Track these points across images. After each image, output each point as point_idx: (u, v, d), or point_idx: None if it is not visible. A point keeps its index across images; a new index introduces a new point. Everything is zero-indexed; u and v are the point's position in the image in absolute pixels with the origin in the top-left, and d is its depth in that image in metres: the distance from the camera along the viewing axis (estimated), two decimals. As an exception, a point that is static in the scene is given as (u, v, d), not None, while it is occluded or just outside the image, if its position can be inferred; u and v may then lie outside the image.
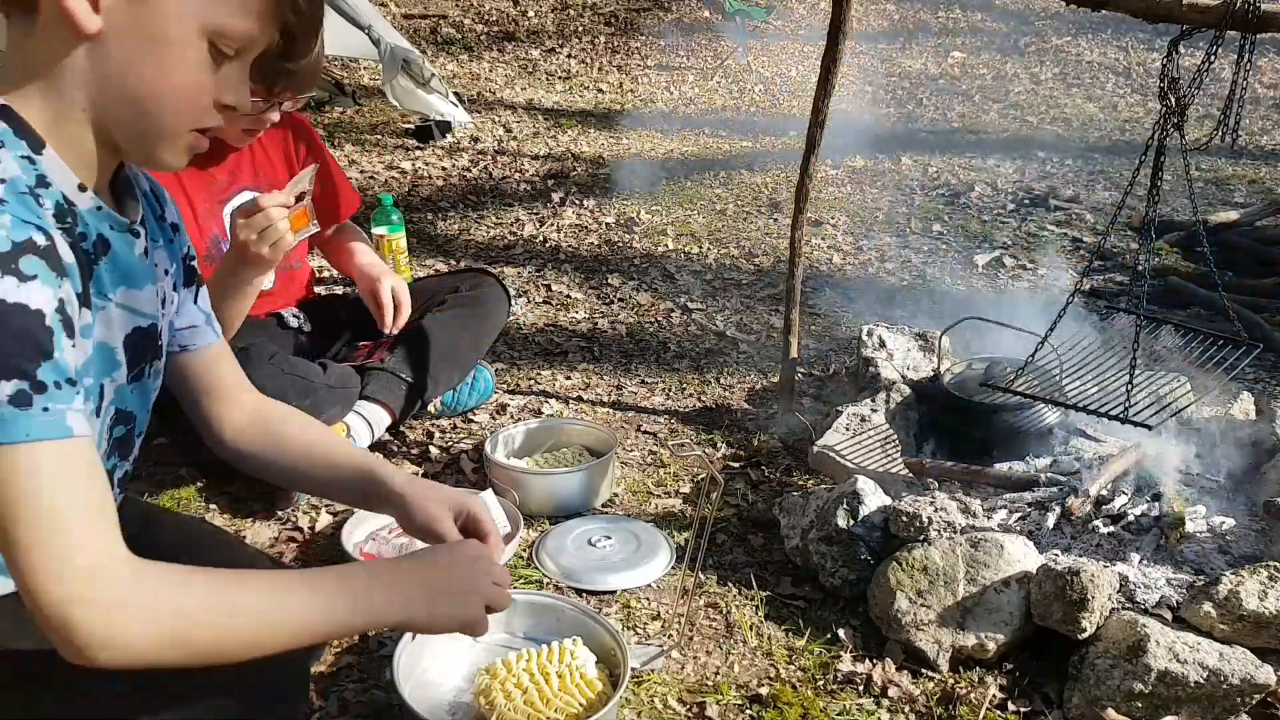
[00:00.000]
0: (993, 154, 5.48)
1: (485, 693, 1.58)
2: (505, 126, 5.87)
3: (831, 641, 1.88)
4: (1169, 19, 1.91)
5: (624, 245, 4.08)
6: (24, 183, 0.94)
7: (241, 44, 1.02)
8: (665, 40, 8.52)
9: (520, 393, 2.82)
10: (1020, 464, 2.32)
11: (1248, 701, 1.64)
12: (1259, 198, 4.60)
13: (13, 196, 0.91)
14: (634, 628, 1.92)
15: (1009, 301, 3.58)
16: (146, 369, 1.19)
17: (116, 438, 1.17)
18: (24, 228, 0.89)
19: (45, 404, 0.89)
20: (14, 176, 0.93)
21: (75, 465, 0.92)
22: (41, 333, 0.89)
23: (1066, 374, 2.15)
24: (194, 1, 0.97)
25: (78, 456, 0.92)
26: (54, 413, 0.90)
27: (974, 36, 8.78)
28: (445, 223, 4.30)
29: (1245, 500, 2.13)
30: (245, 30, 1.01)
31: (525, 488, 2.25)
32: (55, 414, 0.90)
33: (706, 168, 5.22)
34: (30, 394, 0.88)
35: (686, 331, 3.29)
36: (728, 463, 2.49)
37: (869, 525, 2.00)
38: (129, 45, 0.97)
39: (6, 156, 0.94)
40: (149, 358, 1.19)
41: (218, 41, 1.00)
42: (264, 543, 2.12)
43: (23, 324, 0.87)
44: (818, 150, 2.43)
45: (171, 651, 0.95)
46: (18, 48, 0.98)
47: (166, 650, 0.94)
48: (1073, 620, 1.73)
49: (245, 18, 1.00)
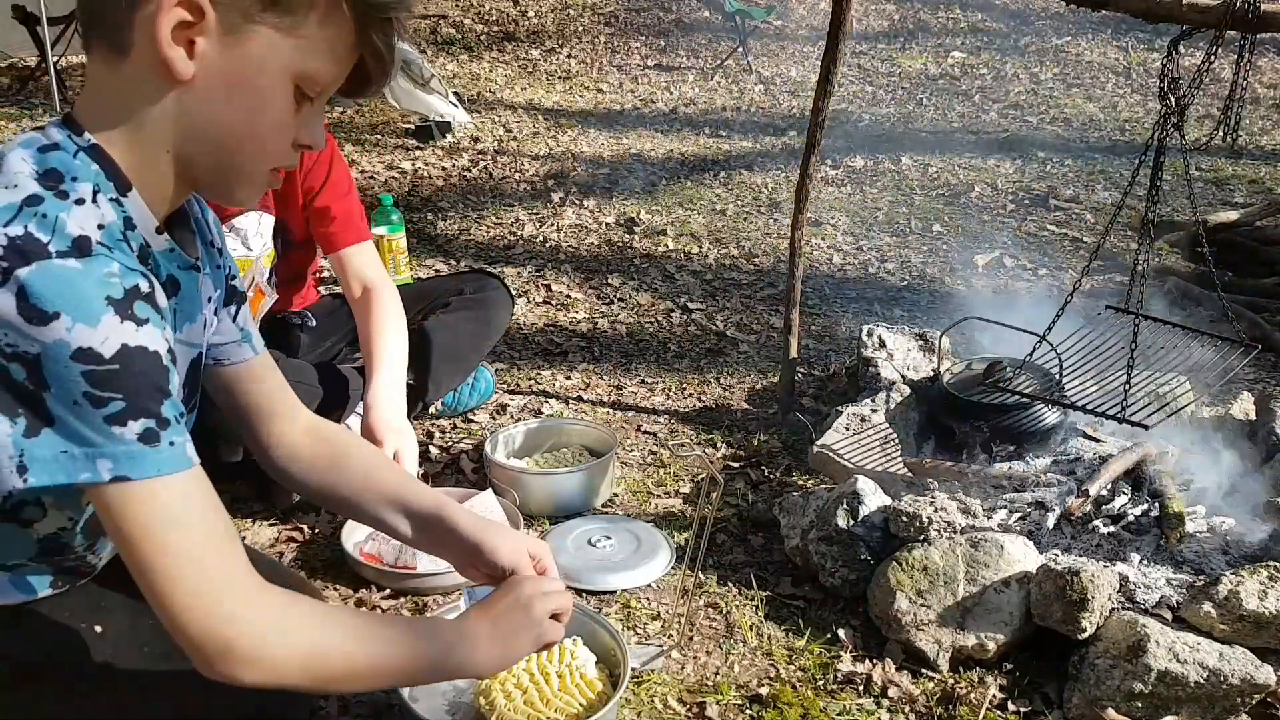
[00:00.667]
0: (993, 154, 5.48)
1: (485, 693, 1.58)
2: (505, 126, 5.88)
3: (831, 641, 1.88)
4: (1169, 19, 1.91)
5: (624, 245, 4.08)
6: (119, 228, 0.96)
7: (324, 88, 1.04)
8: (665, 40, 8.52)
9: (520, 393, 2.82)
10: (1020, 464, 2.31)
11: (1248, 701, 1.64)
12: (1259, 198, 4.61)
13: (114, 243, 0.93)
14: (634, 628, 1.92)
15: (1009, 301, 3.58)
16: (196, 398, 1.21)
17: None
18: (132, 275, 0.92)
19: (170, 439, 0.93)
20: (111, 222, 0.95)
21: (202, 494, 0.96)
22: (160, 372, 0.92)
23: (1066, 374, 2.15)
24: (284, 47, 0.98)
25: (204, 485, 0.97)
26: (177, 446, 0.94)
27: (974, 36, 8.78)
28: (445, 223, 4.30)
29: (1245, 500, 2.13)
30: (329, 75, 1.03)
31: (525, 488, 2.25)
32: (178, 447, 0.94)
33: (706, 168, 5.22)
34: (157, 430, 0.92)
35: (686, 331, 3.29)
36: (728, 463, 2.49)
37: (869, 525, 2.00)
38: (220, 91, 0.97)
39: (103, 200, 0.95)
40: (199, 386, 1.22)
41: (304, 85, 1.01)
42: (264, 543, 2.12)
43: (145, 365, 0.90)
44: (818, 150, 2.43)
45: (305, 677, 1.01)
46: (105, 87, 0.98)
47: (302, 675, 1.01)
48: (1073, 620, 1.73)
49: (333, 62, 1.02)
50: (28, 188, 0.91)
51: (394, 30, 1.04)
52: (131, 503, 0.91)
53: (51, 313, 0.85)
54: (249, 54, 0.96)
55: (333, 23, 0.99)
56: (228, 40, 0.95)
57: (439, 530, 1.30)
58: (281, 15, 0.96)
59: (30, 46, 6.34)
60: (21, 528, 1.07)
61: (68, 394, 0.87)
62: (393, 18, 1.03)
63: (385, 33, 1.03)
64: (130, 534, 0.92)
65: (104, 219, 0.94)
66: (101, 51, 0.97)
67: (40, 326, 0.85)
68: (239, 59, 0.96)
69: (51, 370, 0.86)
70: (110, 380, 0.88)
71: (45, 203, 0.91)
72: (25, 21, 6.16)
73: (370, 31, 1.02)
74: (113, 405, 0.89)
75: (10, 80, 6.66)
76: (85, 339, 0.86)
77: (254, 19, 0.95)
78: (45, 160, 0.94)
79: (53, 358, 0.86)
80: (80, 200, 0.93)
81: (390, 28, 1.03)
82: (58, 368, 0.86)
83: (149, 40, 0.93)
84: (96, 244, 0.91)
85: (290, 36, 0.97)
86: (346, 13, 0.99)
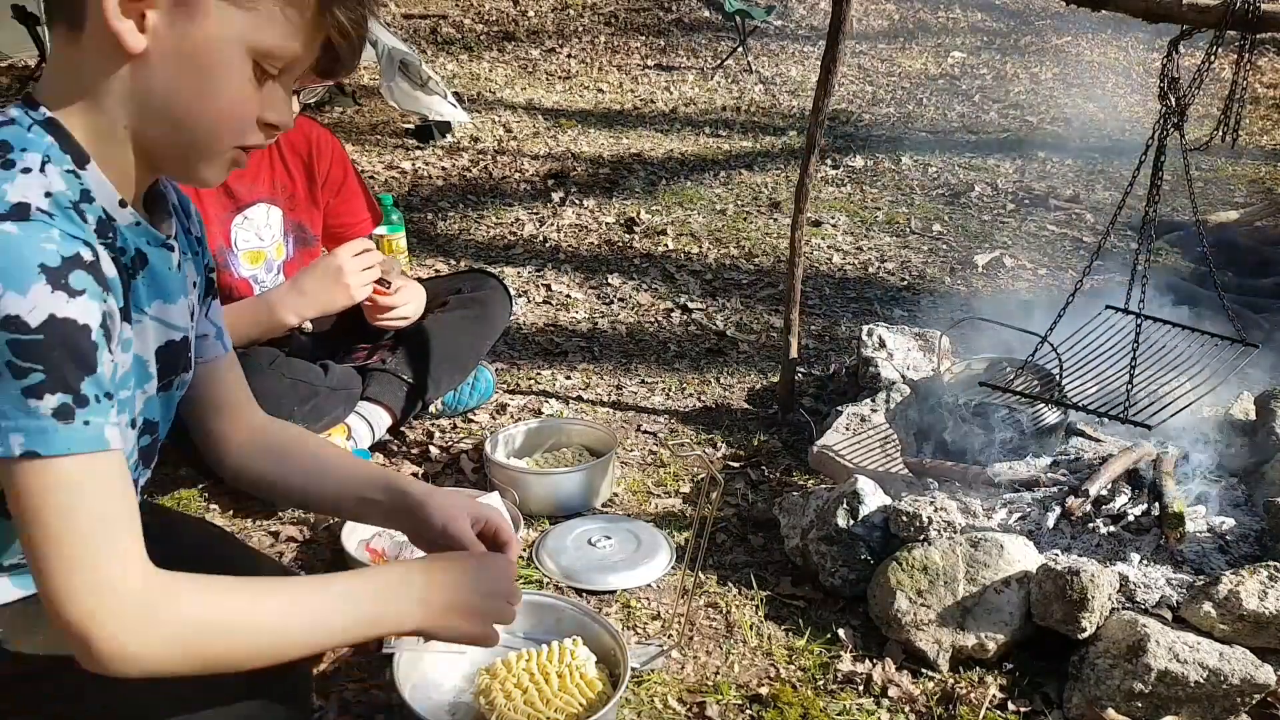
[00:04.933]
0: (993, 154, 5.48)
1: (485, 693, 1.58)
2: (505, 126, 5.88)
3: (831, 641, 1.88)
4: (1169, 19, 1.91)
5: (624, 245, 4.08)
6: (69, 198, 0.95)
7: (286, 64, 1.02)
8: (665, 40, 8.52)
9: (520, 393, 2.82)
10: (1020, 464, 2.31)
11: (1248, 701, 1.64)
12: (1259, 198, 4.61)
13: (59, 211, 0.92)
14: (634, 628, 1.92)
15: (1009, 301, 3.58)
16: (175, 380, 1.20)
17: (142, 447, 1.17)
18: (72, 243, 0.90)
19: (86, 417, 0.91)
20: (60, 191, 0.94)
21: (108, 479, 0.93)
22: (87, 347, 0.90)
23: (1066, 374, 2.15)
24: (240, 23, 0.96)
25: (110, 470, 0.94)
26: (93, 426, 0.91)
27: (974, 36, 8.78)
28: (445, 223, 4.30)
29: (1245, 500, 2.13)
30: (290, 50, 1.01)
31: (525, 488, 2.25)
32: (94, 427, 0.91)
33: (706, 168, 5.22)
34: (73, 407, 0.90)
35: (686, 331, 3.29)
36: (728, 463, 2.49)
37: (869, 525, 2.00)
38: (174, 65, 0.97)
39: (53, 171, 0.94)
40: (179, 369, 1.20)
41: (263, 62, 1.00)
42: (264, 543, 2.12)
43: (71, 338, 0.89)
44: (818, 150, 2.43)
45: (186, 663, 0.97)
46: (63, 62, 0.99)
47: (181, 662, 0.97)
48: (1073, 620, 1.73)
49: (292, 39, 1.00)
50: None
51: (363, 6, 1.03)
52: (34, 479, 0.89)
53: None
54: (201, 27, 0.95)
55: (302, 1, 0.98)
56: (178, 13, 0.94)
57: (389, 497, 1.30)
58: None
59: (30, 46, 6.34)
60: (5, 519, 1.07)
61: None
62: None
63: (350, 8, 1.01)
64: (28, 512, 0.90)
65: (51, 188, 0.93)
66: (61, 29, 0.97)
67: None
68: (191, 32, 0.95)
69: None
70: (33, 351, 0.87)
71: None
72: (25, 21, 6.16)
73: (334, 6, 1.00)
74: (32, 376, 0.87)
75: (10, 80, 6.65)
76: (13, 307, 0.85)
77: None
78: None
79: None
80: (27, 169, 0.92)
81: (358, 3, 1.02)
82: None
83: (99, 13, 0.93)
84: (37, 210, 0.90)
85: (243, 9, 0.96)
86: None
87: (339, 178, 2.40)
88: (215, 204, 2.17)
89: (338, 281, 2.18)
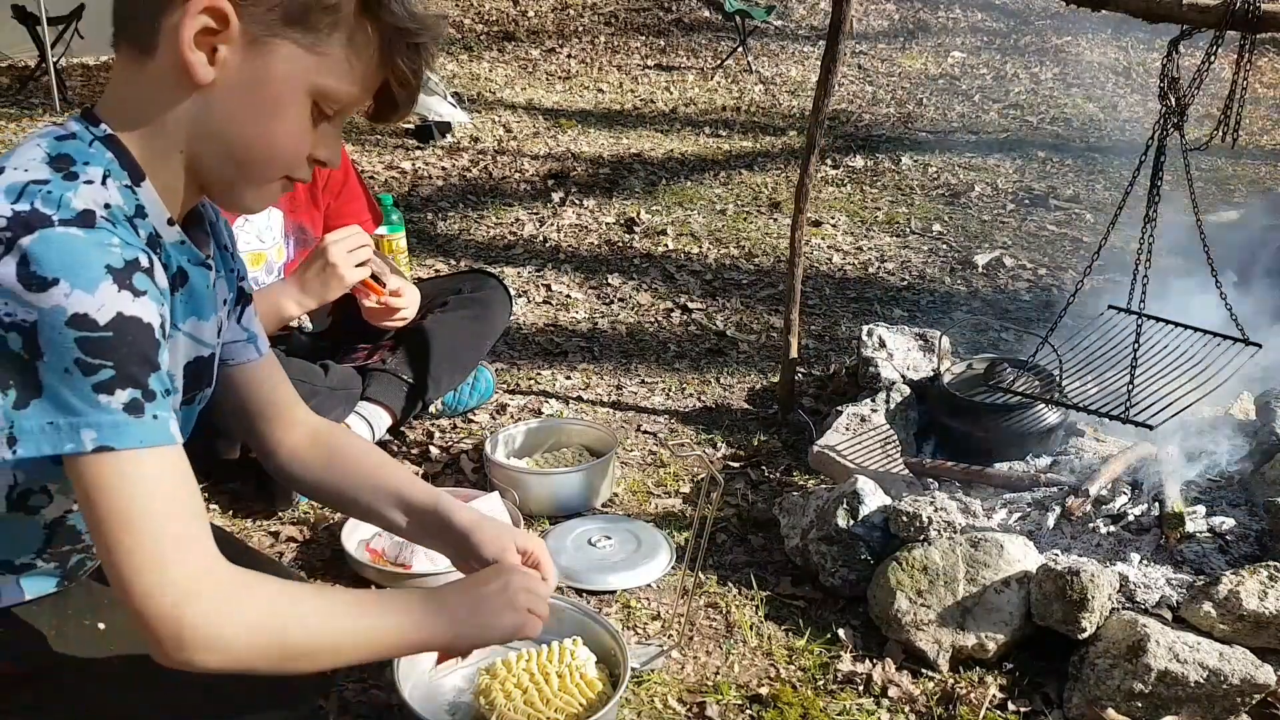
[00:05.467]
0: (993, 154, 5.48)
1: (485, 693, 1.58)
2: (505, 126, 5.88)
3: (831, 641, 1.88)
4: (1169, 19, 1.91)
5: (624, 245, 4.08)
6: (124, 211, 0.97)
7: (344, 107, 1.06)
8: (665, 40, 8.52)
9: (520, 393, 2.82)
10: (1020, 464, 2.32)
11: (1248, 701, 1.64)
12: (1259, 198, 4.61)
13: (117, 221, 0.95)
14: (634, 628, 1.92)
15: (1009, 301, 3.58)
16: (198, 395, 1.21)
17: None
18: (132, 248, 0.93)
19: (154, 412, 0.93)
20: (117, 205, 0.96)
21: (180, 471, 0.96)
22: (151, 344, 0.93)
23: (1067, 374, 2.15)
24: (305, 63, 1.00)
25: (181, 463, 0.96)
26: (161, 420, 0.93)
27: (974, 36, 8.78)
28: (445, 223, 4.30)
29: (1245, 500, 2.13)
30: (350, 95, 1.04)
31: (525, 488, 2.24)
32: (161, 422, 0.93)
33: (706, 168, 5.22)
34: (142, 402, 0.92)
35: (686, 331, 3.29)
36: (728, 463, 2.49)
37: (869, 525, 2.00)
38: (238, 98, 1.00)
39: (112, 185, 0.97)
40: (204, 385, 1.21)
41: (322, 103, 1.03)
42: (264, 543, 2.12)
43: (138, 335, 0.91)
44: (818, 150, 2.43)
45: (267, 658, 0.99)
46: (128, 83, 1.01)
47: (263, 657, 0.99)
48: (1073, 620, 1.73)
49: (353, 84, 1.03)
50: (38, 172, 0.94)
51: (421, 57, 1.05)
52: (108, 473, 0.90)
53: (51, 279, 0.87)
54: (269, 66, 0.99)
55: (357, 44, 1.01)
56: (250, 50, 0.98)
57: (435, 522, 1.32)
58: (305, 32, 0.98)
59: (30, 46, 6.34)
60: (29, 515, 1.07)
61: (60, 361, 0.88)
62: (420, 45, 1.04)
63: (411, 59, 1.04)
64: (102, 507, 0.91)
65: (111, 200, 0.96)
66: (128, 51, 1.00)
67: (39, 293, 0.86)
68: (259, 70, 0.99)
69: (46, 337, 0.87)
70: (102, 348, 0.88)
71: (52, 183, 0.93)
72: (25, 21, 6.16)
73: (396, 57, 1.03)
74: (102, 373, 0.89)
75: (10, 80, 6.65)
76: (82, 305, 0.87)
77: (277, 33, 0.97)
78: (59, 147, 0.97)
79: (49, 324, 0.87)
80: (89, 181, 0.95)
81: (417, 55, 1.04)
82: (53, 334, 0.87)
83: (173, 43, 0.96)
84: (100, 218, 0.92)
85: (312, 53, 0.99)
86: (372, 36, 1.01)
87: (340, 179, 2.40)
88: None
89: (328, 268, 2.18)
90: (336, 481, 1.36)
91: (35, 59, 6.35)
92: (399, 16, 1.01)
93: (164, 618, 0.91)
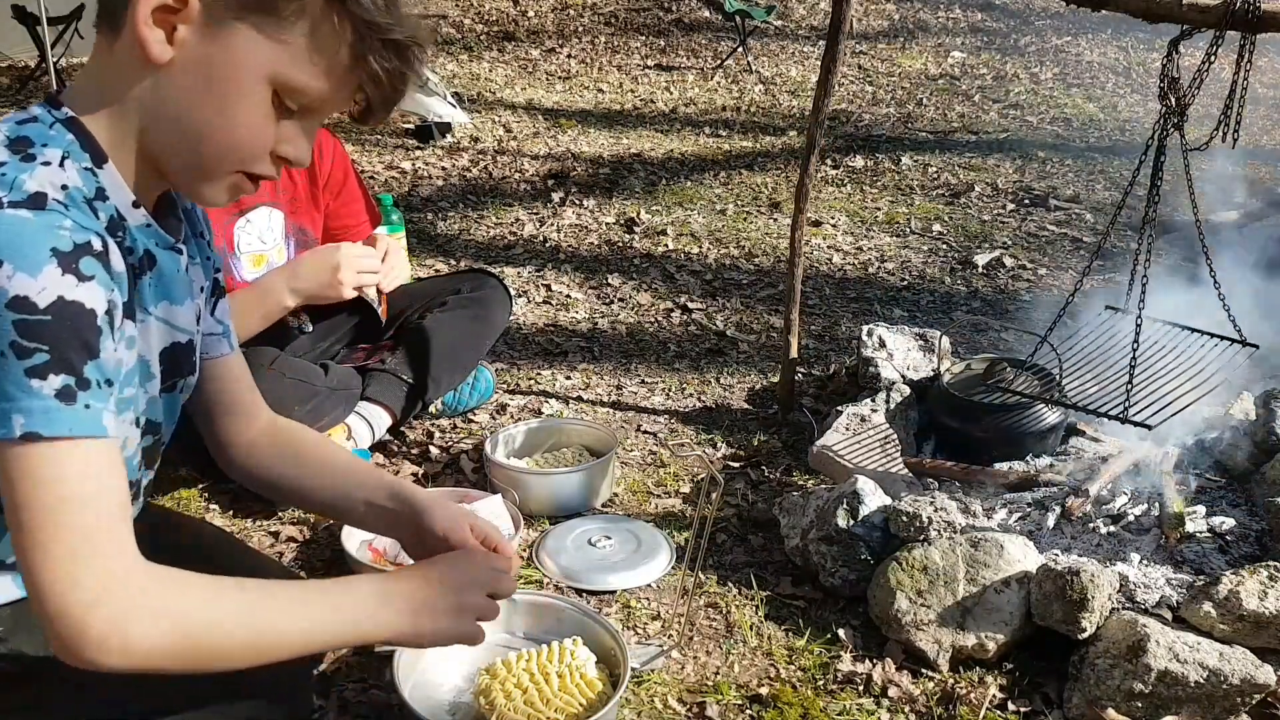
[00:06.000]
0: (993, 154, 5.48)
1: (485, 693, 1.58)
2: (505, 126, 5.88)
3: (831, 641, 1.88)
4: (1169, 19, 1.91)
5: (624, 245, 4.08)
6: (83, 193, 0.97)
7: (310, 102, 1.02)
8: (665, 40, 8.52)
9: (520, 393, 2.82)
10: (1020, 464, 2.32)
11: (1248, 701, 1.64)
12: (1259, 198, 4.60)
13: (73, 204, 0.94)
14: (634, 628, 1.92)
15: (1009, 301, 3.58)
16: (179, 383, 1.20)
17: (145, 448, 1.17)
18: (84, 231, 0.92)
19: (87, 401, 0.91)
20: (75, 186, 0.96)
21: (107, 466, 0.93)
22: (92, 332, 0.91)
23: (1067, 374, 2.15)
24: (265, 50, 0.97)
25: (108, 457, 0.93)
26: (93, 411, 0.92)
27: (974, 36, 8.78)
28: (445, 223, 4.30)
29: (1245, 500, 2.13)
30: (315, 89, 1.01)
31: (525, 488, 2.25)
32: (94, 412, 0.92)
33: (706, 168, 5.22)
34: (75, 389, 0.90)
35: (686, 331, 3.29)
36: (728, 463, 2.49)
37: (869, 525, 2.00)
38: (194, 81, 0.98)
39: (71, 167, 0.97)
40: (184, 372, 1.20)
41: (284, 94, 1.00)
42: (264, 543, 2.12)
43: (78, 321, 0.90)
44: (818, 150, 2.43)
45: (175, 660, 0.96)
46: (95, 67, 1.02)
47: (171, 658, 0.95)
48: (1073, 620, 1.73)
49: (319, 80, 1.00)
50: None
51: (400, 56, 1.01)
52: (33, 461, 0.88)
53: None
54: (228, 49, 0.96)
55: (322, 35, 0.98)
56: (209, 31, 0.96)
57: (396, 505, 1.30)
58: (266, 17, 0.96)
59: (30, 46, 6.34)
60: None
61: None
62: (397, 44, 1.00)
63: (384, 58, 1.00)
64: (21, 494, 0.89)
65: (69, 182, 0.95)
66: (103, 34, 1.00)
67: None
68: (217, 53, 0.97)
69: None
70: (40, 331, 0.87)
71: (9, 165, 0.93)
72: (25, 21, 6.16)
73: (369, 54, 0.99)
74: (37, 357, 0.87)
75: (10, 80, 6.65)
76: (23, 287, 0.86)
77: (238, 15, 0.95)
78: (19, 130, 0.97)
79: None
80: (47, 163, 0.94)
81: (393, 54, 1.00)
82: None
83: (134, 20, 0.95)
84: (53, 200, 0.92)
85: (272, 40, 0.97)
86: (342, 29, 0.98)
87: (340, 180, 2.40)
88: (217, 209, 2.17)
89: (332, 274, 2.19)
90: (297, 474, 1.35)
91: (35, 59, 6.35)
92: (368, 9, 0.97)
93: (69, 617, 0.89)
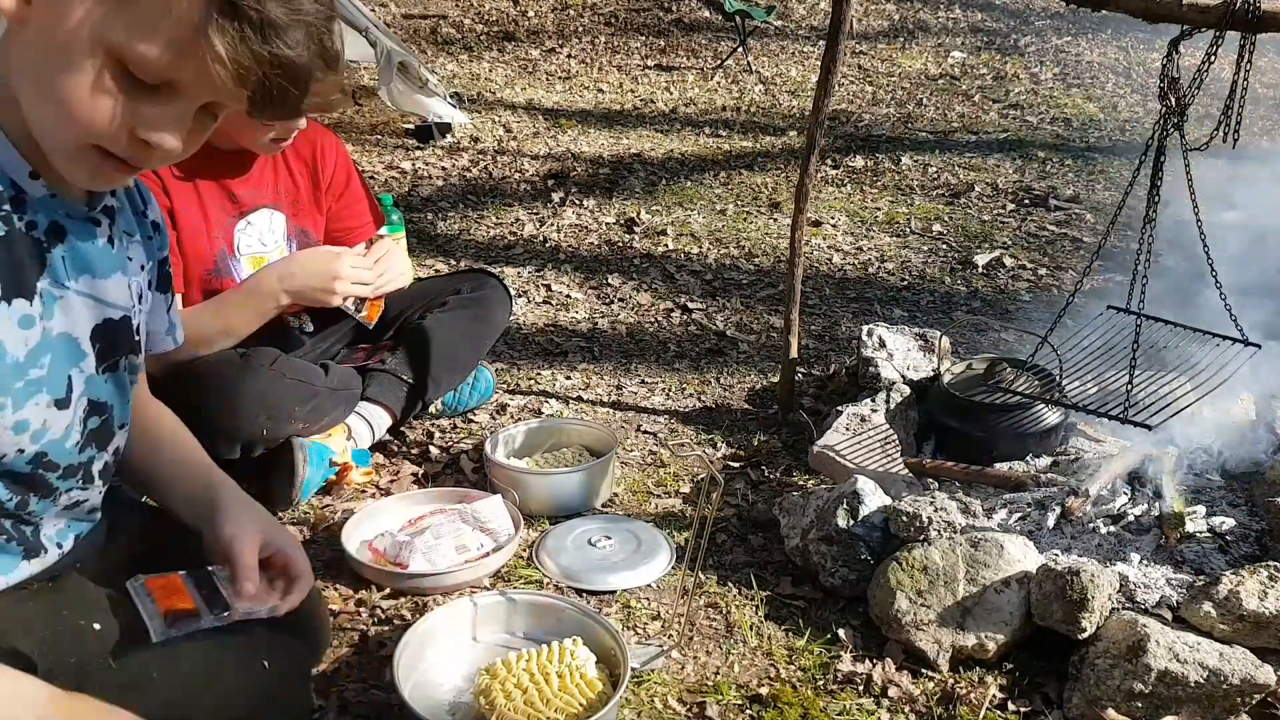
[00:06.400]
0: (993, 154, 5.48)
1: (485, 693, 1.58)
2: (505, 126, 5.87)
3: (831, 641, 1.88)
4: (1169, 19, 1.91)
5: (624, 245, 4.08)
6: None
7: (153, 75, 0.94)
8: (665, 40, 8.52)
9: (520, 393, 2.82)
10: (1020, 464, 2.31)
11: (1248, 701, 1.64)
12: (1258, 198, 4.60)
13: None
14: (634, 628, 1.92)
15: (1009, 301, 3.58)
16: (121, 361, 1.18)
17: (92, 429, 1.17)
18: None
19: None
20: None
21: None
22: None
23: (1068, 374, 2.15)
24: (99, 15, 0.91)
25: None
26: None
27: (974, 36, 8.78)
28: (445, 223, 4.30)
29: (1245, 500, 2.13)
30: (154, 61, 0.92)
31: (525, 488, 2.24)
32: None
33: (706, 168, 5.22)
34: None
35: (686, 331, 3.29)
36: (728, 463, 2.49)
37: (869, 525, 2.00)
38: (41, 42, 0.95)
39: None
40: (124, 350, 1.18)
41: (128, 64, 0.93)
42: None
43: None
44: (818, 150, 2.43)
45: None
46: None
47: None
48: (1073, 620, 1.73)
49: (169, 51, 0.91)
50: None
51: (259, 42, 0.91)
52: None
53: None
54: (66, 11, 0.92)
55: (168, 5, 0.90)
56: None
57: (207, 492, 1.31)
58: None
59: None
60: None
61: None
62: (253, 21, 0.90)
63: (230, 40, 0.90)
64: None
65: None
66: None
67: None
68: (58, 14, 0.93)
69: None
70: None
71: None
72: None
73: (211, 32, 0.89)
74: None
75: None
76: None
77: None
78: None
79: None
80: None
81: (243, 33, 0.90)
82: None
83: None
84: None
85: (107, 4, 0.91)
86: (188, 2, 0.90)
87: (342, 182, 2.39)
88: (218, 209, 2.16)
89: (329, 282, 2.18)
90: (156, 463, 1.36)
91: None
92: None
93: None
